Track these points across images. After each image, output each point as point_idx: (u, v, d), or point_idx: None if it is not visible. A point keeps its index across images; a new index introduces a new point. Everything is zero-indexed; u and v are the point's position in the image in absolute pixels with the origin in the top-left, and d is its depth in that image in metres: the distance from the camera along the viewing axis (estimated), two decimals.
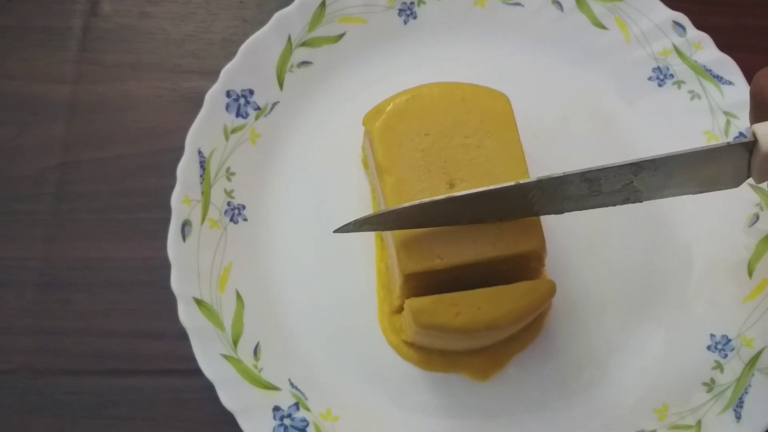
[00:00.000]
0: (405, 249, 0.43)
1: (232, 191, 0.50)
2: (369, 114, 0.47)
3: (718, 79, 0.53)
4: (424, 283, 0.43)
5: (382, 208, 0.46)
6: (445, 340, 0.45)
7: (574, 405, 0.47)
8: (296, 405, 0.46)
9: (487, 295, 0.42)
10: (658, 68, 0.54)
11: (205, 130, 0.50)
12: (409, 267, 0.42)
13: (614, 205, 0.42)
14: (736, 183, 0.40)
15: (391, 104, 0.46)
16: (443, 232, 0.43)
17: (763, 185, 0.50)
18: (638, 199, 0.41)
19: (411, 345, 0.48)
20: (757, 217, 0.50)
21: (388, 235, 0.46)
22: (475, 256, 0.42)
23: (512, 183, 0.41)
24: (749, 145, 0.37)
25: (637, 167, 0.39)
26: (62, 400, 0.48)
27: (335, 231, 0.44)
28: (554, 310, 0.48)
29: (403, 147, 0.45)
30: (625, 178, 0.40)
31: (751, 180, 0.45)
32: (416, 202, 0.42)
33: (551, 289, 0.43)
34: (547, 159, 0.50)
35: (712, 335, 0.48)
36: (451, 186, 0.44)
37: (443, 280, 0.43)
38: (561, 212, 0.43)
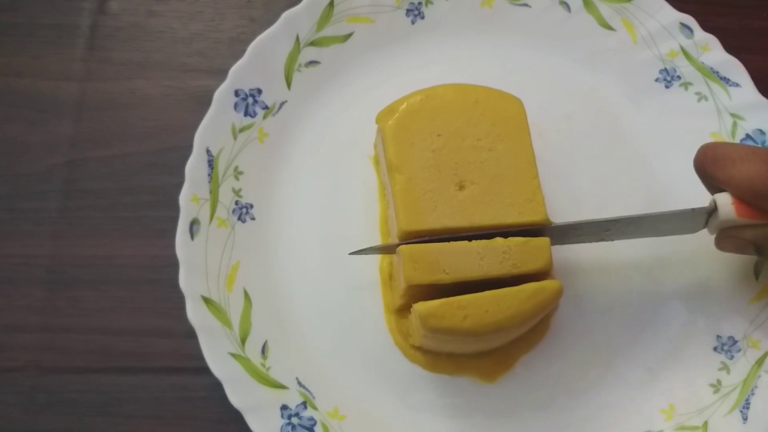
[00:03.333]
0: (410, 260, 0.43)
1: (240, 190, 0.50)
2: (382, 112, 0.47)
3: (725, 80, 0.53)
4: (427, 290, 0.43)
5: (391, 206, 0.46)
6: (453, 344, 0.45)
7: (581, 405, 0.47)
8: (304, 404, 0.46)
9: (495, 298, 0.42)
10: (665, 69, 0.54)
11: (214, 129, 0.50)
12: (413, 279, 0.42)
13: (589, 242, 0.47)
14: (693, 231, 0.47)
15: (405, 103, 0.46)
16: (450, 246, 0.43)
17: None
18: (610, 240, 0.47)
19: (418, 348, 0.48)
20: None
21: (394, 236, 0.46)
22: (482, 273, 0.42)
23: (497, 232, 0.43)
24: (709, 210, 0.44)
25: (609, 223, 0.45)
26: (69, 398, 0.48)
27: (351, 253, 0.46)
28: (561, 310, 0.49)
29: (414, 146, 0.45)
30: (601, 228, 0.46)
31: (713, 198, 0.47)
32: (428, 239, 0.43)
33: (558, 291, 0.43)
34: (552, 158, 0.51)
35: (718, 336, 0.48)
36: (461, 188, 0.44)
37: (446, 288, 0.43)
38: None
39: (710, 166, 0.43)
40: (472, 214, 0.44)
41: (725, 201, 0.43)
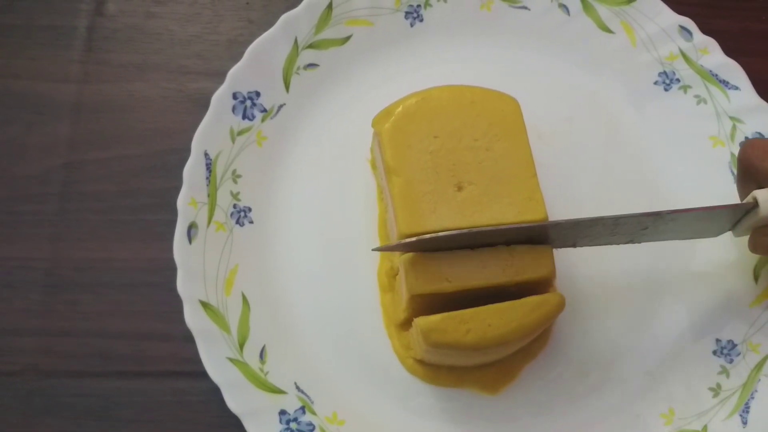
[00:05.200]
0: (413, 270, 0.42)
1: (238, 193, 0.50)
2: (378, 116, 0.47)
3: (725, 83, 0.53)
4: (431, 302, 0.43)
5: (390, 209, 0.46)
6: (456, 357, 0.45)
7: (581, 409, 0.47)
8: (302, 409, 0.46)
9: (497, 311, 0.42)
10: (665, 72, 0.54)
11: (212, 132, 0.50)
12: (416, 288, 0.42)
13: (617, 244, 0.46)
14: (718, 234, 0.47)
15: (401, 106, 0.46)
16: (453, 255, 0.43)
17: None
18: (639, 242, 0.46)
19: (419, 361, 0.47)
20: None
21: (394, 239, 0.46)
22: (484, 280, 0.42)
23: (531, 224, 0.42)
24: (748, 207, 0.44)
25: (656, 216, 0.43)
26: (67, 402, 0.47)
27: (374, 249, 0.46)
28: (560, 316, 0.48)
29: (412, 148, 0.45)
30: (642, 225, 0.44)
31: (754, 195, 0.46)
32: (433, 235, 0.42)
33: (561, 303, 0.43)
34: (551, 161, 0.51)
35: (717, 340, 0.48)
36: (459, 188, 0.44)
37: (449, 299, 0.43)
38: (573, 246, 0.46)
39: (758, 158, 0.44)
40: (471, 215, 0.43)
41: (767, 197, 0.43)
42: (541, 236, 0.43)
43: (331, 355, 0.48)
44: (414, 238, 0.42)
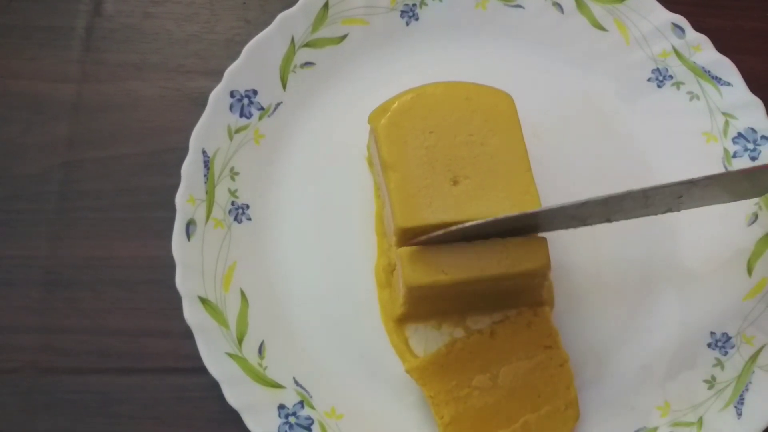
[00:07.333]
0: (410, 262, 0.43)
1: (236, 191, 0.50)
2: (374, 112, 0.47)
3: (717, 80, 0.54)
4: (428, 295, 0.44)
5: (387, 205, 0.46)
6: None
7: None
8: (301, 403, 0.46)
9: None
10: (658, 69, 0.55)
11: (209, 130, 0.50)
12: (413, 280, 0.43)
13: (656, 215, 0.45)
14: (760, 195, 0.47)
15: (397, 102, 0.46)
16: (449, 247, 0.43)
17: None
18: (677, 210, 0.46)
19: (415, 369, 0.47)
20: (756, 216, 0.51)
21: (391, 235, 0.47)
22: (480, 272, 0.43)
23: (562, 205, 0.42)
24: None
25: (690, 185, 0.42)
26: (67, 399, 0.48)
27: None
28: (556, 309, 0.49)
29: (408, 144, 0.45)
30: (677, 194, 0.43)
31: None
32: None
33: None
34: (548, 158, 0.51)
35: (712, 333, 0.49)
36: (455, 183, 0.45)
37: (446, 292, 0.43)
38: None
39: None
40: (467, 209, 0.44)
41: None
42: (572, 216, 0.43)
43: (329, 350, 0.48)
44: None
